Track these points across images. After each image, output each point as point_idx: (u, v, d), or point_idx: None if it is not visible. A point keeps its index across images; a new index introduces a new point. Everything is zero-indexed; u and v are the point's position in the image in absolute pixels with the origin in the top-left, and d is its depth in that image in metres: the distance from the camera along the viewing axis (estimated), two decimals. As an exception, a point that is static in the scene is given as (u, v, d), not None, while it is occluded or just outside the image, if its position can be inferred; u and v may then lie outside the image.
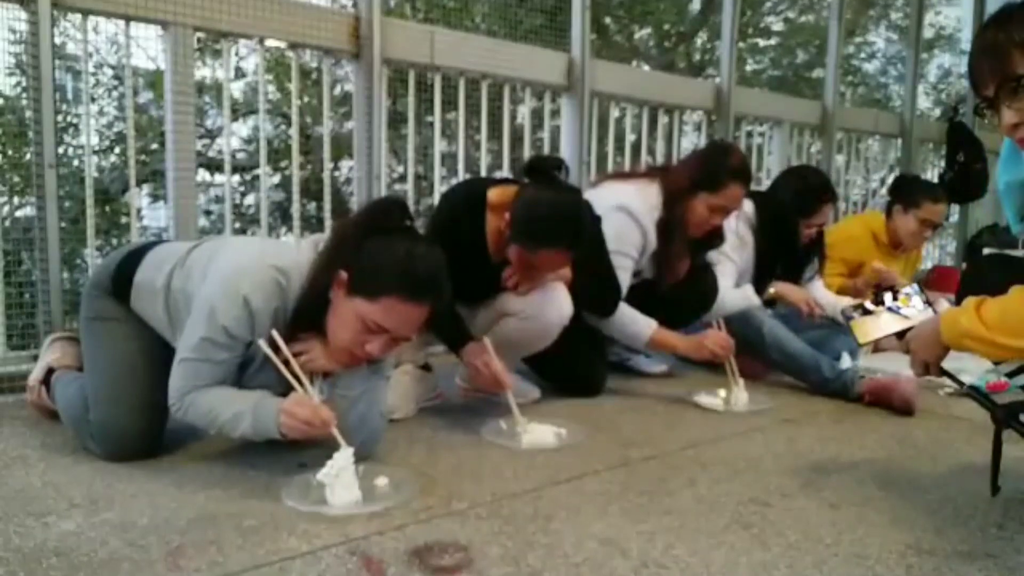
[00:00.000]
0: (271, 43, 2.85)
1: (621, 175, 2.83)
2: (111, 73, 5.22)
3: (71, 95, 3.25)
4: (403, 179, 3.77)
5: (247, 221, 5.52)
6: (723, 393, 2.37)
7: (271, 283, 1.57)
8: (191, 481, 1.62)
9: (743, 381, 2.40)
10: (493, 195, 2.15)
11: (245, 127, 5.67)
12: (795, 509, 1.57)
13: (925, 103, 8.58)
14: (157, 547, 1.32)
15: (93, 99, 5.08)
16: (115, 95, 5.31)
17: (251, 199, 5.93)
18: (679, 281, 2.56)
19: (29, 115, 2.30)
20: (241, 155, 5.60)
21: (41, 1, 2.23)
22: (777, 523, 1.49)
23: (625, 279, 2.48)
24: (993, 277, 1.63)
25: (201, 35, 2.65)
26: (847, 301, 2.53)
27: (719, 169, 2.48)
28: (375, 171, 2.94)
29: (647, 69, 7.32)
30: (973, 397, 1.65)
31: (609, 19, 7.68)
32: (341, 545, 1.34)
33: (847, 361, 2.70)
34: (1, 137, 3.79)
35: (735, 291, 2.72)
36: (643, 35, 8.57)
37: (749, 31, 8.73)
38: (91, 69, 3.94)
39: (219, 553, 1.30)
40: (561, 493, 1.63)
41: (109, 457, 1.73)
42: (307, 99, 4.61)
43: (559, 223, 2.03)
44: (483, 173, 3.58)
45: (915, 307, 1.78)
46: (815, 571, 1.30)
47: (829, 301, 2.92)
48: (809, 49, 8.88)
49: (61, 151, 2.37)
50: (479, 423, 2.06)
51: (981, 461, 1.69)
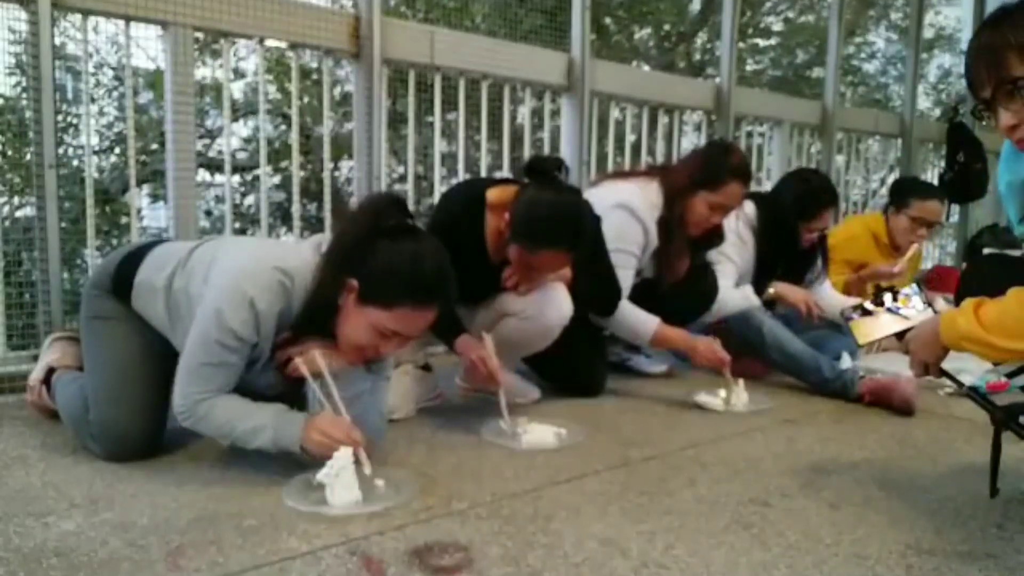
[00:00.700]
0: (271, 43, 2.85)
1: (621, 174, 2.83)
2: (111, 73, 5.22)
3: (71, 95, 3.25)
4: (403, 179, 3.77)
5: (247, 221, 5.52)
6: (723, 393, 2.37)
7: (276, 285, 1.57)
8: (191, 481, 1.62)
9: (743, 381, 2.40)
10: (493, 195, 2.15)
11: (245, 127, 5.67)
12: (795, 509, 1.57)
13: (925, 103, 8.59)
14: (157, 547, 1.32)
15: (93, 99, 5.08)
16: (115, 95, 5.31)
17: (251, 199, 5.93)
18: (679, 280, 2.56)
19: (29, 115, 2.30)
20: (241, 155, 5.60)
21: (41, 1, 2.23)
22: (777, 523, 1.49)
23: (628, 277, 2.48)
24: (993, 277, 1.63)
25: (201, 35, 2.66)
26: (852, 302, 2.53)
27: (719, 168, 2.48)
28: (375, 171, 2.94)
29: (647, 69, 7.32)
30: (972, 398, 1.66)
31: (609, 19, 7.68)
32: (341, 545, 1.34)
33: (847, 361, 2.69)
34: (1, 137, 3.79)
35: (735, 291, 2.73)
36: (643, 35, 8.56)
37: (749, 31, 8.73)
38: (91, 69, 3.95)
39: (219, 553, 1.30)
40: (561, 493, 1.63)
41: (109, 457, 1.73)
42: (307, 99, 4.61)
43: (559, 224, 2.03)
44: (483, 173, 3.58)
45: (915, 307, 1.78)
46: (815, 571, 1.30)
47: (834, 302, 2.91)
48: (809, 49, 8.88)
49: (61, 151, 2.37)
50: (479, 423, 2.06)
51: (981, 461, 1.69)
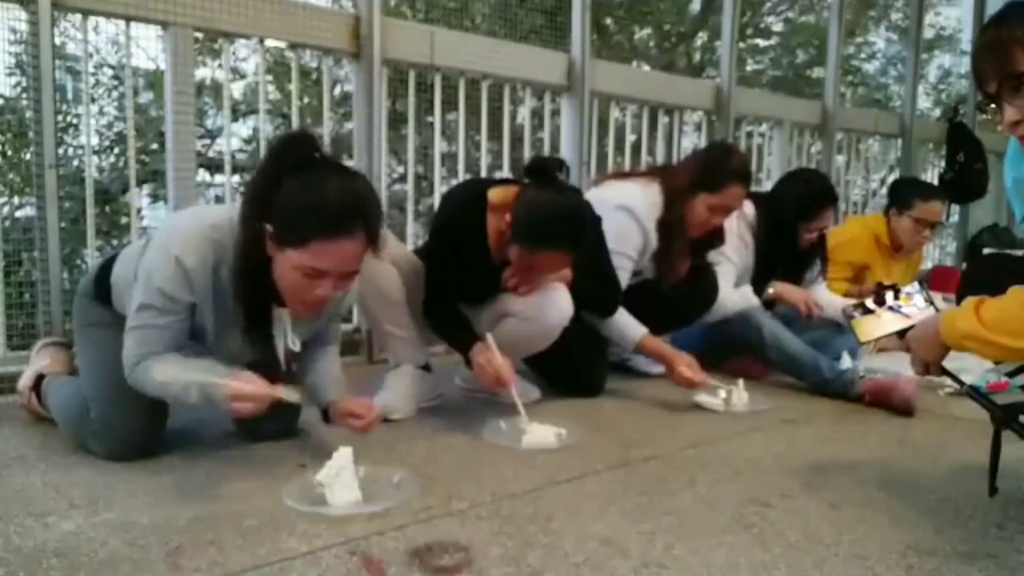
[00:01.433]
0: (271, 43, 2.85)
1: (621, 175, 2.83)
2: (111, 73, 5.23)
3: (71, 95, 3.25)
4: (403, 179, 3.77)
5: (247, 221, 5.50)
6: (723, 393, 2.37)
7: (203, 240, 1.56)
8: (191, 481, 1.62)
9: (743, 381, 2.40)
10: (494, 195, 2.15)
11: (245, 127, 5.67)
12: (795, 509, 1.57)
13: (925, 103, 8.60)
14: (157, 547, 1.32)
15: (93, 99, 5.08)
16: (115, 95, 5.31)
17: (251, 199, 5.92)
18: (680, 281, 2.56)
19: (29, 115, 2.30)
20: (241, 155, 5.60)
21: (41, 1, 2.22)
22: (777, 523, 1.49)
23: (624, 279, 2.48)
24: (993, 277, 1.62)
25: (201, 35, 2.66)
26: (849, 301, 2.53)
27: (720, 169, 2.48)
28: (375, 171, 2.94)
29: (647, 69, 7.32)
30: (973, 397, 1.65)
31: (609, 19, 7.68)
32: (341, 545, 1.34)
33: (847, 361, 2.70)
34: (1, 137, 3.79)
35: (735, 292, 2.73)
36: (643, 35, 8.56)
37: (749, 31, 8.73)
38: (91, 69, 3.95)
39: (219, 553, 1.30)
40: (561, 493, 1.63)
41: (110, 456, 1.73)
42: (307, 99, 4.61)
43: (560, 224, 2.03)
44: (483, 173, 3.58)
45: (916, 306, 1.77)
46: (815, 571, 1.30)
47: (830, 302, 2.92)
48: (809, 49, 8.88)
49: (61, 151, 2.37)
50: (479, 423, 2.06)
51: (981, 461, 1.68)
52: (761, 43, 9.21)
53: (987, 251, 5.12)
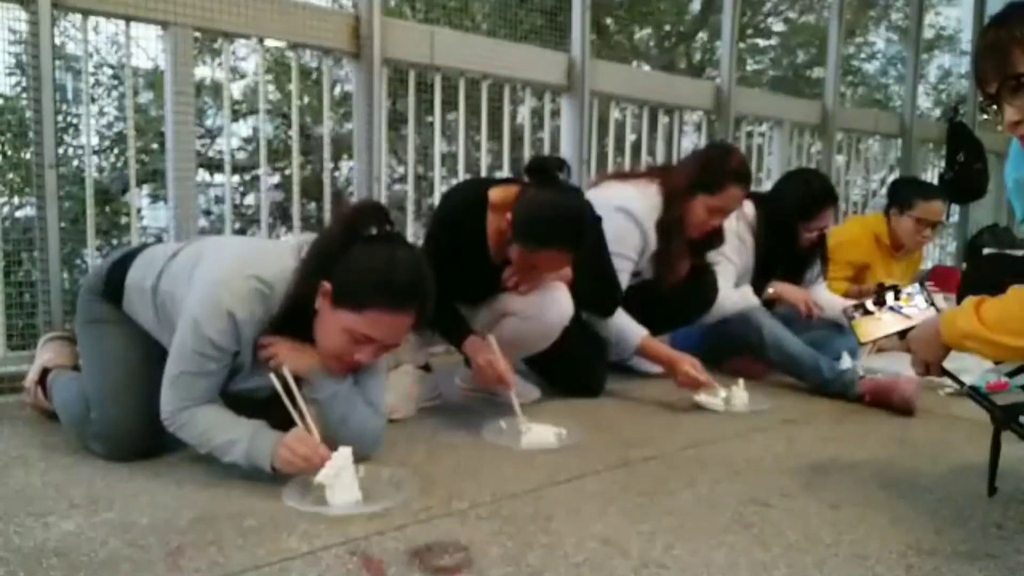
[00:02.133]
0: (271, 43, 2.85)
1: (621, 175, 2.83)
2: (111, 73, 5.22)
3: (71, 95, 3.25)
4: (403, 179, 3.77)
5: (247, 221, 5.51)
6: (723, 393, 2.36)
7: (254, 294, 1.57)
8: (191, 481, 1.62)
9: (743, 381, 2.40)
10: (494, 195, 2.15)
11: (245, 127, 5.67)
12: (795, 509, 1.57)
13: (925, 103, 8.59)
14: (157, 547, 1.32)
15: (93, 99, 5.08)
16: (115, 95, 5.31)
17: (251, 199, 5.92)
18: (680, 282, 2.56)
19: (29, 115, 2.30)
20: (241, 155, 5.60)
21: (41, 1, 2.23)
22: (777, 523, 1.49)
23: (624, 280, 2.48)
24: (993, 277, 1.62)
25: (200, 35, 2.65)
26: (849, 302, 2.53)
27: (719, 171, 2.48)
28: (375, 171, 2.94)
29: (647, 69, 7.32)
30: (973, 397, 1.66)
31: (609, 19, 7.67)
32: (341, 545, 1.34)
33: (847, 361, 2.70)
34: (1, 137, 3.79)
35: (734, 292, 2.73)
36: (643, 35, 8.56)
37: (749, 31, 8.73)
38: (91, 69, 3.94)
39: (219, 553, 1.30)
40: (561, 493, 1.63)
41: (111, 456, 1.73)
42: (307, 99, 4.60)
43: (561, 224, 2.03)
44: (483, 173, 3.58)
45: (917, 306, 1.77)
46: (815, 571, 1.30)
47: (830, 302, 2.92)
48: (809, 49, 8.88)
49: (61, 151, 2.37)
50: (479, 423, 2.06)
51: (981, 461, 1.68)
52: (761, 43, 9.21)
53: (987, 251, 5.12)
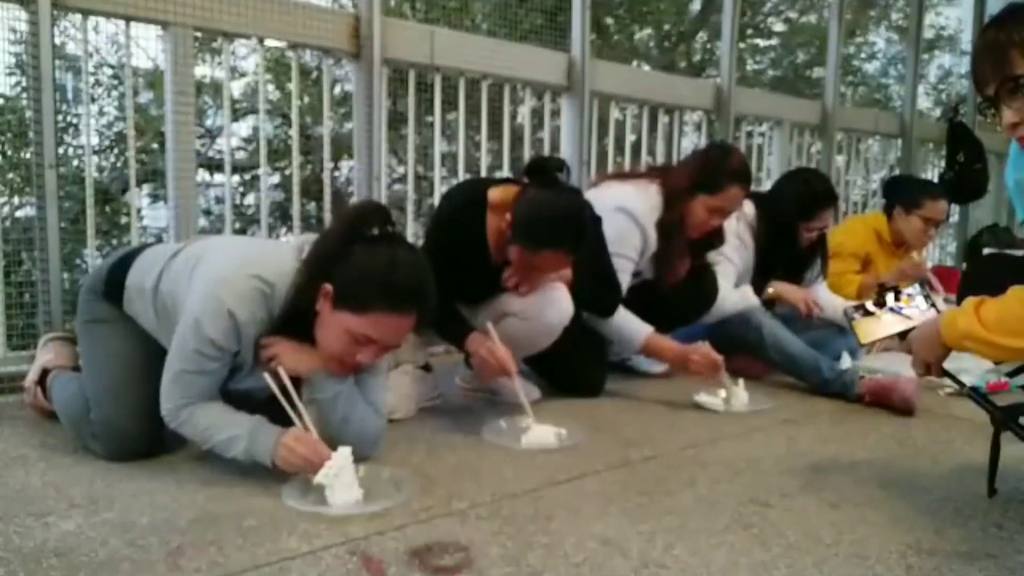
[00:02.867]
0: (271, 43, 2.85)
1: (621, 175, 2.83)
2: (111, 73, 5.22)
3: (71, 95, 3.25)
4: (403, 179, 3.77)
5: (247, 221, 5.51)
6: (723, 393, 2.36)
7: (255, 294, 1.57)
8: (191, 481, 1.63)
9: (743, 381, 2.40)
10: (494, 195, 2.15)
11: (245, 127, 5.66)
12: (795, 509, 1.57)
13: (925, 103, 8.57)
14: (157, 547, 1.32)
15: (93, 99, 5.07)
16: (115, 95, 5.31)
17: (251, 199, 5.92)
18: (680, 281, 2.56)
19: (29, 115, 2.30)
20: (241, 155, 5.60)
21: (41, 1, 2.23)
22: (777, 523, 1.49)
23: (624, 280, 2.48)
24: (993, 277, 1.63)
25: (200, 35, 2.65)
26: (848, 303, 2.53)
27: (719, 171, 2.48)
28: (375, 171, 2.94)
29: (647, 69, 7.32)
30: (973, 398, 1.66)
31: (609, 19, 7.67)
32: (341, 545, 1.34)
33: (847, 361, 2.70)
34: (1, 137, 3.79)
35: (734, 292, 2.73)
36: (643, 35, 8.56)
37: (749, 31, 8.73)
38: (91, 69, 3.94)
39: (219, 553, 1.30)
40: (561, 493, 1.63)
41: (111, 456, 1.73)
42: (307, 99, 4.60)
43: (561, 225, 2.03)
44: (483, 173, 3.58)
45: (917, 307, 1.77)
46: (815, 571, 1.30)
47: (830, 302, 2.92)
48: (809, 49, 8.88)
49: (61, 151, 2.37)
50: (479, 423, 2.06)
51: (981, 461, 1.69)
52: (761, 43, 9.20)
53: (987, 251, 5.12)
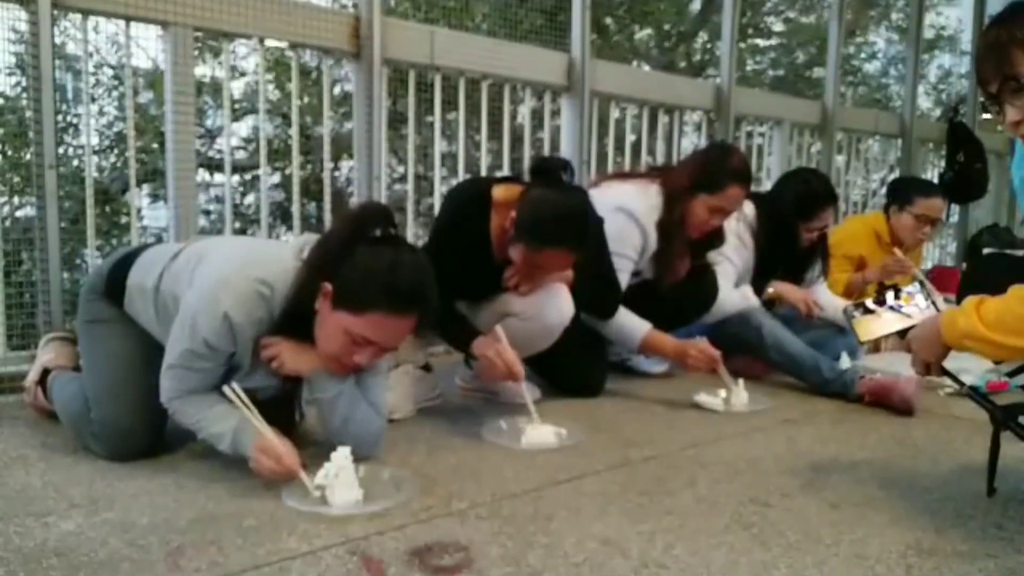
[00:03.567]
0: (271, 43, 2.85)
1: (621, 175, 2.83)
2: (111, 73, 5.22)
3: (71, 95, 3.25)
4: (403, 179, 3.76)
5: (247, 221, 5.51)
6: (723, 393, 2.36)
7: (253, 296, 1.57)
8: (191, 481, 1.62)
9: (743, 381, 2.40)
10: (497, 193, 2.15)
11: (245, 127, 5.66)
12: (795, 509, 1.57)
13: (925, 103, 8.58)
14: (157, 547, 1.32)
15: (93, 99, 5.08)
16: (115, 95, 5.31)
17: (251, 199, 5.92)
18: (680, 281, 2.56)
19: (29, 115, 2.30)
20: (241, 155, 5.60)
21: (41, 1, 2.23)
22: (777, 523, 1.49)
23: (624, 280, 2.48)
24: (993, 277, 1.63)
25: (201, 35, 2.66)
26: (848, 303, 2.53)
27: (719, 171, 2.48)
28: (375, 171, 2.94)
29: (647, 69, 7.32)
30: (973, 397, 1.66)
31: (609, 19, 7.67)
32: (341, 545, 1.34)
33: (847, 361, 2.70)
34: (1, 137, 3.79)
35: (734, 292, 2.72)
36: (643, 35, 8.55)
37: (749, 31, 8.73)
38: (91, 69, 3.95)
39: (219, 553, 1.30)
40: (561, 493, 1.63)
41: (111, 456, 1.73)
42: (307, 99, 4.60)
43: (564, 223, 2.03)
44: (483, 173, 3.58)
45: (917, 305, 1.77)
46: (815, 571, 1.30)
47: (830, 302, 2.92)
48: (809, 49, 8.88)
49: (61, 151, 2.37)
50: (479, 423, 2.06)
51: (981, 461, 1.69)
52: (761, 43, 9.20)
53: (987, 251, 5.12)
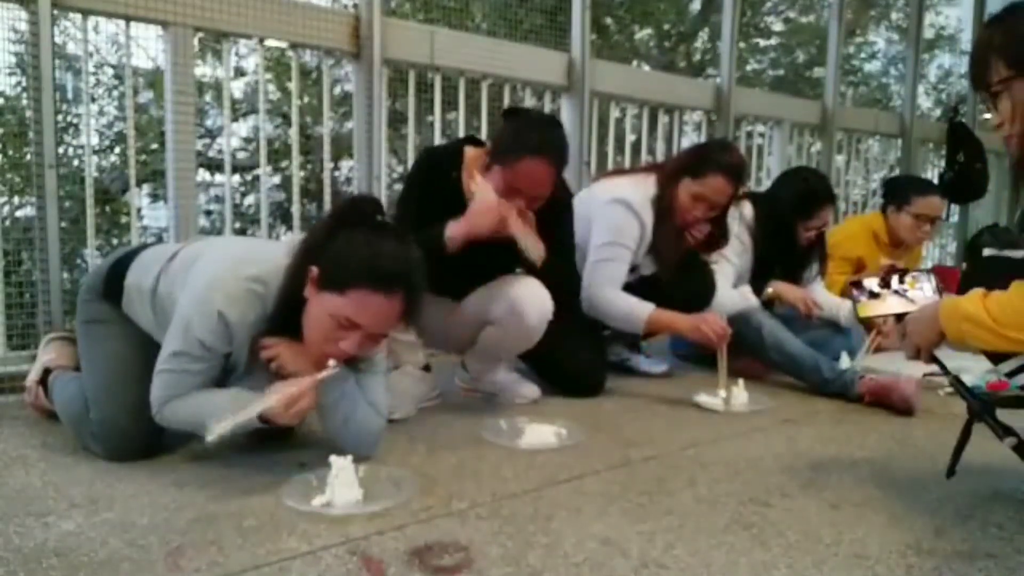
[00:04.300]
0: (271, 43, 2.85)
1: (620, 172, 2.85)
2: (111, 73, 5.22)
3: (71, 95, 3.25)
4: (403, 179, 3.76)
5: (247, 221, 5.51)
6: (723, 393, 2.37)
7: (247, 294, 1.56)
8: (191, 481, 1.62)
9: (743, 381, 2.40)
10: (470, 152, 2.19)
11: (245, 127, 5.67)
12: (795, 509, 1.57)
13: (925, 103, 8.59)
14: (157, 547, 1.32)
15: (93, 99, 5.08)
16: (115, 95, 5.31)
17: (251, 199, 5.93)
18: (677, 277, 2.56)
19: (29, 115, 2.30)
20: (241, 155, 5.60)
21: (41, 1, 2.23)
22: (777, 523, 1.49)
23: (622, 270, 2.50)
24: (994, 277, 1.63)
25: (201, 35, 2.66)
26: (847, 304, 2.53)
27: (706, 159, 2.52)
28: (375, 171, 2.94)
29: (647, 69, 7.32)
30: (955, 387, 1.66)
31: (609, 19, 7.67)
32: (341, 545, 1.34)
33: (847, 361, 2.70)
34: (1, 137, 3.79)
35: (733, 292, 2.73)
36: (643, 35, 8.56)
37: (749, 31, 8.73)
38: (91, 69, 3.95)
39: (219, 553, 1.30)
40: (561, 493, 1.63)
41: (110, 456, 1.73)
42: (307, 99, 4.60)
43: (540, 132, 2.07)
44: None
45: (922, 291, 1.77)
46: (815, 571, 1.30)
47: (829, 302, 2.93)
48: (809, 49, 8.88)
49: (61, 151, 2.37)
50: (479, 423, 2.06)
51: (981, 461, 1.69)
52: (761, 43, 9.21)
53: (987, 251, 5.11)
